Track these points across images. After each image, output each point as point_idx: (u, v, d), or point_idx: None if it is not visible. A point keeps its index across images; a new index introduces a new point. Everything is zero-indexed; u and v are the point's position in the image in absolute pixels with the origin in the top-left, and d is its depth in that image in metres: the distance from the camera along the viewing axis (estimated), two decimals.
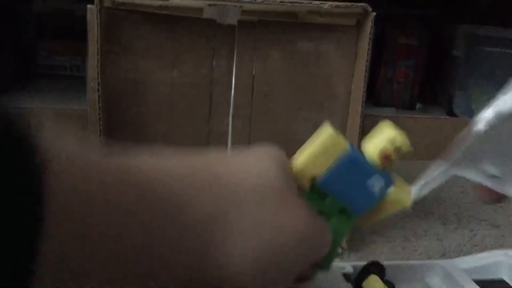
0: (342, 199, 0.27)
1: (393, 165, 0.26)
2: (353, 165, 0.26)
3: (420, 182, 0.30)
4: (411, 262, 0.42)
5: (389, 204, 0.27)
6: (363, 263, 0.40)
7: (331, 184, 0.26)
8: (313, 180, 0.26)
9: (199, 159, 0.22)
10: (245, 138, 0.49)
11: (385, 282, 0.38)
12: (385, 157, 0.25)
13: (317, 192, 0.27)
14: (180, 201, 0.18)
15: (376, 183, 0.26)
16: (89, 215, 0.16)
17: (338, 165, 0.26)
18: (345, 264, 0.42)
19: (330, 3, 0.45)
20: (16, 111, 0.15)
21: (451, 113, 1.07)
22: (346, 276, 0.41)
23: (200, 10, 0.51)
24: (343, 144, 0.26)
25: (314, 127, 0.49)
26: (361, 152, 0.27)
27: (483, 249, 0.50)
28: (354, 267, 0.41)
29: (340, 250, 0.28)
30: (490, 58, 1.01)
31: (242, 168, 0.23)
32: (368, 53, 0.46)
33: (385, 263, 0.40)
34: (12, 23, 0.84)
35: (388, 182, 0.27)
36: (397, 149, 0.26)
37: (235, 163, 0.23)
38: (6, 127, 0.15)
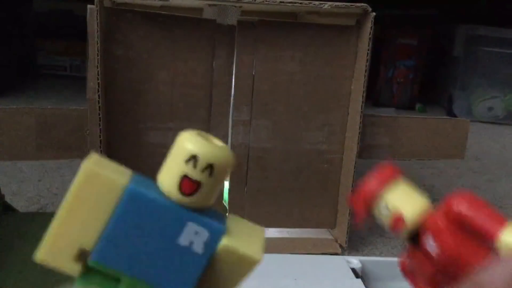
0: (142, 276, 0.17)
1: (209, 194, 0.17)
2: (141, 210, 0.16)
3: None
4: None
5: (227, 264, 0.18)
6: (371, 258, 0.40)
7: (114, 256, 0.17)
8: (82, 255, 0.17)
9: None
10: (245, 138, 0.49)
11: None
12: (186, 185, 0.16)
13: (98, 273, 0.17)
14: None
15: (193, 236, 0.17)
16: None
17: (115, 219, 0.17)
18: (352, 259, 0.42)
19: (330, 3, 0.45)
20: None
21: (451, 113, 1.07)
22: (354, 271, 0.41)
23: (200, 10, 0.51)
24: (117, 181, 0.16)
25: (314, 127, 0.49)
26: (157, 186, 0.17)
27: None
28: (362, 262, 0.41)
29: None
30: (490, 58, 1.01)
31: None
32: (368, 53, 0.46)
33: (380, 259, 0.41)
34: (12, 23, 0.84)
35: (216, 229, 0.17)
36: (206, 167, 0.17)
37: None
38: None
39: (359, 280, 0.40)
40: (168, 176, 0.17)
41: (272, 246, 0.50)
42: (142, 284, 0.17)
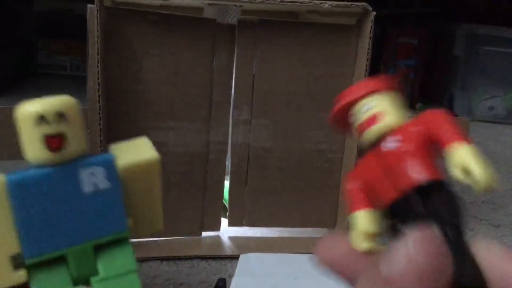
0: (80, 241, 0.18)
1: (78, 140, 0.18)
2: (27, 191, 0.17)
3: None
4: None
5: (138, 180, 0.19)
6: None
7: (44, 242, 0.17)
8: (18, 261, 0.18)
9: None
10: (245, 138, 0.49)
11: None
12: (52, 142, 0.17)
13: (43, 267, 0.17)
14: None
15: (93, 178, 0.18)
16: None
17: (19, 212, 0.17)
18: None
19: (330, 2, 0.45)
20: None
21: (451, 112, 1.07)
22: None
23: (200, 9, 0.51)
24: None
25: (315, 126, 0.49)
26: (30, 166, 0.18)
27: None
28: None
29: None
30: (491, 58, 1.01)
31: None
32: (368, 52, 0.46)
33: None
34: (12, 23, 0.84)
35: (106, 160, 0.18)
36: (56, 117, 0.17)
37: None
38: None
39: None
40: (32, 148, 0.17)
41: (273, 246, 0.50)
42: (85, 247, 0.18)
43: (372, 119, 0.20)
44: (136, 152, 0.19)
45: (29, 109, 0.17)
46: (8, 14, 0.82)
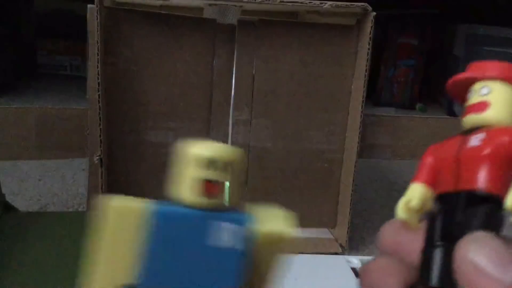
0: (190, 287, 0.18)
1: (232, 193, 0.19)
2: (168, 225, 0.17)
3: None
4: None
5: (266, 249, 0.18)
6: (371, 257, 0.40)
7: (158, 279, 0.17)
8: None
9: None
10: (245, 138, 0.49)
11: None
12: (210, 187, 0.17)
13: None
14: None
15: (224, 233, 0.18)
16: None
17: (152, 243, 0.17)
18: (352, 258, 0.42)
19: (330, 2, 0.45)
20: None
21: (451, 112, 1.07)
22: (354, 271, 0.41)
23: (200, 9, 0.51)
24: (137, 208, 0.17)
25: (314, 127, 0.49)
26: (178, 202, 0.18)
27: None
28: (362, 262, 0.41)
29: None
30: (490, 58, 1.00)
31: None
32: (368, 52, 0.46)
33: (370, 258, 0.40)
34: (12, 23, 0.84)
35: (244, 220, 0.18)
36: (224, 167, 0.18)
37: None
38: None
39: (359, 280, 0.40)
40: (188, 187, 0.17)
41: None
42: None
43: (480, 106, 0.19)
44: (275, 221, 0.19)
45: (202, 151, 0.17)
46: (8, 14, 0.82)
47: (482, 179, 0.17)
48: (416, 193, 0.19)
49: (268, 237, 0.18)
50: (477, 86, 0.20)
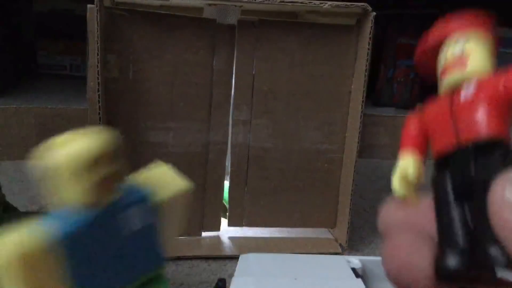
0: (125, 282, 0.18)
1: (113, 181, 0.17)
2: (78, 239, 0.16)
3: None
4: None
5: (171, 210, 0.19)
6: (371, 257, 0.40)
7: (93, 284, 0.17)
8: None
9: None
10: (245, 138, 0.49)
11: None
12: (108, 183, 0.17)
13: None
14: None
15: (133, 218, 0.17)
16: None
17: (69, 262, 0.16)
18: (352, 258, 0.42)
19: (330, 2, 0.45)
20: None
21: None
22: (355, 271, 0.41)
23: (200, 9, 0.51)
24: (43, 241, 0.16)
25: (314, 126, 0.49)
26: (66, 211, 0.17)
27: None
28: (362, 262, 0.41)
29: None
30: None
31: None
32: (368, 52, 0.46)
33: (380, 259, 0.40)
34: (12, 23, 0.84)
35: (139, 197, 0.18)
36: (101, 157, 0.16)
37: None
38: None
39: (360, 280, 0.40)
40: (75, 192, 0.16)
41: (272, 246, 0.50)
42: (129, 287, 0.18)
43: (459, 62, 0.19)
44: (166, 182, 0.19)
45: (72, 160, 0.16)
46: (8, 14, 0.82)
47: (484, 125, 0.17)
48: (409, 164, 0.19)
49: (170, 200, 0.19)
50: (447, 45, 0.19)
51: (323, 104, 0.49)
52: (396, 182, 0.19)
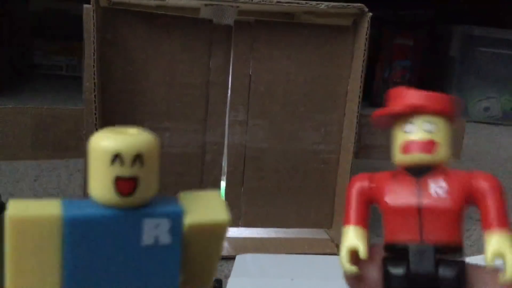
0: None
1: (149, 185, 0.16)
2: (89, 232, 0.15)
3: None
4: None
5: (201, 240, 0.17)
6: None
7: (80, 274, 0.16)
8: None
9: None
10: (242, 138, 0.49)
11: None
12: (122, 186, 0.15)
13: None
14: None
15: (156, 230, 0.16)
16: None
17: (68, 253, 0.15)
18: None
19: (327, 3, 0.45)
20: None
21: None
22: None
23: (196, 10, 0.51)
24: (48, 216, 0.15)
25: (311, 127, 0.49)
26: (93, 202, 0.16)
27: (479, 249, 0.51)
28: None
29: None
30: (486, 59, 1.01)
31: None
32: (364, 53, 0.46)
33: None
34: (8, 23, 0.84)
35: (174, 213, 0.16)
36: (134, 159, 0.16)
37: None
38: None
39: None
40: (99, 186, 0.16)
41: (269, 246, 0.50)
42: None
43: (429, 145, 0.19)
44: (206, 209, 0.18)
45: (104, 144, 0.15)
46: (4, 14, 0.82)
47: (450, 233, 0.18)
48: (359, 244, 0.19)
49: (199, 229, 0.17)
50: (419, 120, 0.19)
51: (320, 105, 0.49)
52: (344, 258, 0.19)
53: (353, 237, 0.19)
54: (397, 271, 0.18)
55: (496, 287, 0.17)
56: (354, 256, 0.19)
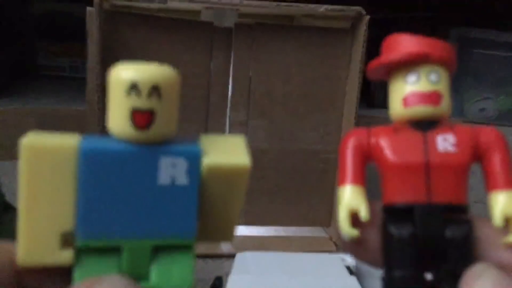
0: (140, 234, 0.15)
1: (168, 120, 0.16)
2: (105, 165, 0.15)
3: None
4: None
5: (220, 183, 0.16)
6: None
7: (101, 225, 0.15)
8: (68, 239, 0.15)
9: None
10: None
11: None
12: (138, 118, 0.14)
13: (93, 252, 0.15)
14: None
15: (173, 170, 0.15)
16: None
17: (82, 186, 0.15)
18: (346, 257, 0.42)
19: (325, 6, 0.45)
20: None
21: None
22: (349, 269, 0.41)
23: (197, 13, 0.51)
24: (65, 145, 0.15)
25: (310, 127, 0.50)
26: (112, 136, 0.15)
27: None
28: (356, 259, 0.41)
29: None
30: (483, 60, 1.01)
31: None
32: (362, 55, 0.47)
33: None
34: (11, 24, 0.84)
35: (193, 153, 0.16)
36: (150, 91, 0.15)
37: None
38: None
39: (354, 278, 0.40)
40: (116, 118, 0.15)
41: (268, 244, 0.50)
42: (144, 244, 0.15)
43: (434, 96, 0.17)
44: (227, 152, 0.17)
45: (122, 74, 0.15)
46: (8, 15, 0.82)
47: (458, 192, 0.17)
48: (359, 203, 0.17)
49: (218, 171, 0.16)
50: (423, 69, 0.17)
51: (319, 106, 0.49)
52: (344, 220, 0.17)
53: (352, 197, 0.17)
54: (401, 233, 0.16)
55: (505, 247, 0.16)
56: (353, 218, 0.17)
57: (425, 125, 0.17)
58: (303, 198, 0.51)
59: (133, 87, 0.15)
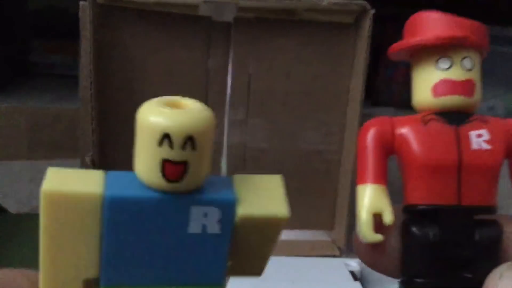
0: (167, 283, 0.15)
1: (200, 169, 0.14)
2: (132, 214, 0.14)
3: None
4: None
5: (253, 232, 0.15)
6: None
7: (127, 273, 0.15)
8: (90, 285, 0.15)
9: None
10: (241, 138, 0.48)
11: None
12: (170, 170, 0.14)
13: None
14: None
15: (204, 219, 0.15)
16: None
17: (108, 234, 0.14)
18: (351, 261, 0.42)
19: (328, 0, 0.45)
20: None
21: None
22: (353, 274, 0.41)
23: (195, 7, 0.50)
24: (89, 193, 0.14)
25: (312, 127, 0.49)
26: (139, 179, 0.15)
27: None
28: (361, 265, 0.41)
29: None
30: (490, 57, 1.00)
31: None
32: (366, 51, 0.46)
33: None
34: (5, 21, 0.83)
35: (226, 202, 0.15)
36: (184, 142, 0.14)
37: None
38: None
39: (358, 283, 0.39)
40: (145, 166, 0.14)
41: None
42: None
43: (469, 85, 0.16)
44: (263, 198, 0.15)
45: (152, 122, 0.14)
46: (0, 12, 0.81)
47: (489, 193, 0.16)
48: (383, 202, 0.16)
49: (252, 222, 0.15)
50: (458, 54, 0.16)
51: (321, 104, 0.49)
52: (367, 229, 0.16)
53: (375, 199, 0.16)
54: (426, 235, 0.15)
55: None
56: (375, 222, 0.16)
57: (456, 118, 0.16)
58: (304, 201, 0.51)
59: (165, 138, 0.14)
